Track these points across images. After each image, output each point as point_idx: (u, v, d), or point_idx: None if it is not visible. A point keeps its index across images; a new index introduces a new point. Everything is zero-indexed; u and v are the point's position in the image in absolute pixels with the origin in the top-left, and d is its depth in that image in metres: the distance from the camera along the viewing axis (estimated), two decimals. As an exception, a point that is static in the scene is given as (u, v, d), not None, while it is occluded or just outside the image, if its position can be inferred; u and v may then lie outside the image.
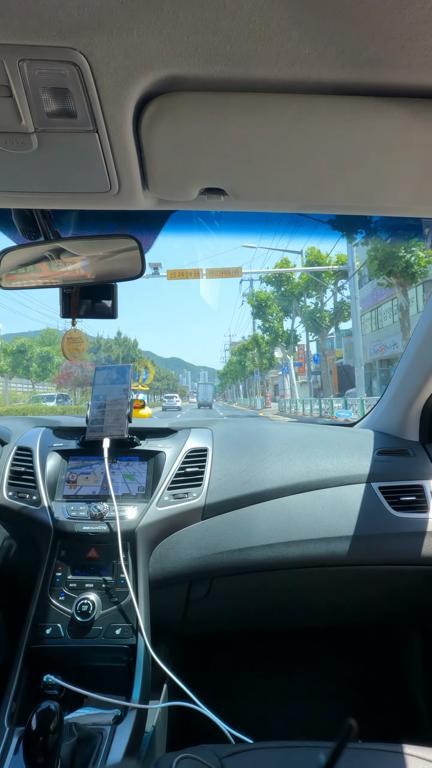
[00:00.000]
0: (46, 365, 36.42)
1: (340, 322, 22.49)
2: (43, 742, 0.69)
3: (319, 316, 22.35)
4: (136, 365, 41.21)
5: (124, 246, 0.98)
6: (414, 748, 0.80)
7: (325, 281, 21.64)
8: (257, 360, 35.38)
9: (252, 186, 0.70)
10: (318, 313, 22.45)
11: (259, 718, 1.56)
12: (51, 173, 0.66)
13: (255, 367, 37.65)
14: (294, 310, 24.44)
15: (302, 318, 23.51)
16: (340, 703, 1.62)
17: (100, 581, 1.12)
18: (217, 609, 1.34)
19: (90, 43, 0.46)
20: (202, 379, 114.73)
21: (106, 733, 0.89)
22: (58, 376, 37.77)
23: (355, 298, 15.76)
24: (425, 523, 1.27)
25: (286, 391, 27.56)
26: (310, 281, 22.25)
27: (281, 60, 0.49)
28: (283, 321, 26.76)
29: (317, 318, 22.36)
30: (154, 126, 0.56)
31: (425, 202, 0.74)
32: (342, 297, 22.38)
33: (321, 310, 22.53)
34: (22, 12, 0.43)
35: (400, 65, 0.50)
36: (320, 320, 22.28)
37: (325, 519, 1.26)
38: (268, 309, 26.41)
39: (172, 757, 0.76)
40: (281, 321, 26.75)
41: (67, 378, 38.02)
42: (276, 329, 26.88)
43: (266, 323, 27.09)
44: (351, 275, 16.27)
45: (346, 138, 0.59)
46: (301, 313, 23.46)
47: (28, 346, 36.61)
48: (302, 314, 23.30)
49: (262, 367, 33.62)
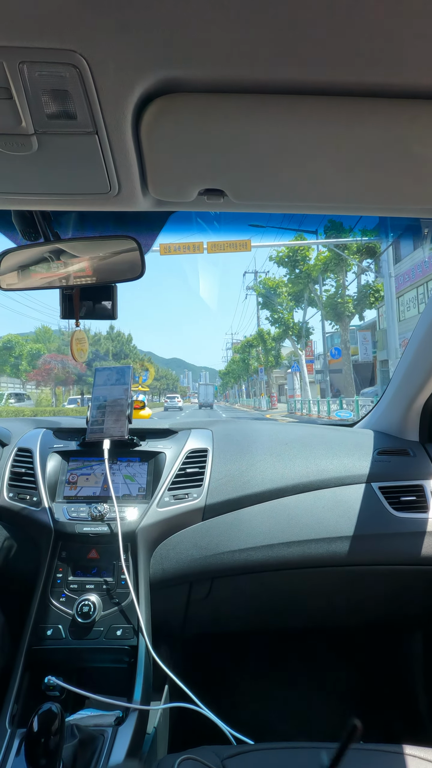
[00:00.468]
0: (36, 363, 34.15)
1: (364, 309, 19.05)
2: (44, 744, 0.69)
3: (340, 301, 18.61)
4: (136, 366, 40.28)
5: (123, 247, 0.98)
6: (415, 748, 0.80)
7: (348, 261, 17.86)
8: (262, 357, 32.43)
9: (251, 187, 0.70)
10: (339, 298, 18.71)
11: (260, 719, 1.56)
12: (51, 175, 0.66)
13: (260, 365, 34.73)
14: (306, 298, 21.26)
15: (320, 305, 19.93)
16: (342, 703, 1.61)
17: (100, 582, 1.12)
18: (217, 610, 1.34)
19: (90, 46, 0.46)
20: (203, 380, 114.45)
21: (107, 734, 0.89)
22: (36, 372, 34.40)
23: (390, 276, 14.32)
24: (425, 523, 1.27)
25: (296, 391, 24.49)
26: (330, 261, 18.63)
27: (280, 61, 0.49)
28: (293, 312, 23.20)
29: (338, 304, 18.58)
30: (154, 127, 0.56)
31: (425, 203, 0.74)
32: (367, 279, 18.86)
33: (343, 295, 18.71)
34: (22, 14, 0.43)
35: (400, 66, 0.50)
36: (342, 307, 18.53)
37: (326, 519, 1.26)
38: (278, 298, 22.83)
39: (173, 758, 0.76)
40: (292, 311, 23.20)
41: (46, 375, 34.30)
42: (286, 320, 23.24)
43: (275, 314, 23.46)
44: (385, 248, 14.54)
45: (345, 139, 0.59)
46: (319, 300, 19.80)
47: (16, 342, 34.50)
48: (320, 301, 19.64)
49: (268, 364, 31.04)
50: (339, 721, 0.45)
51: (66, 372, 34.72)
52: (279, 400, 34.13)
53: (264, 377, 34.48)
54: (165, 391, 78.45)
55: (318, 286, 19.94)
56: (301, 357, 23.33)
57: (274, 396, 32.19)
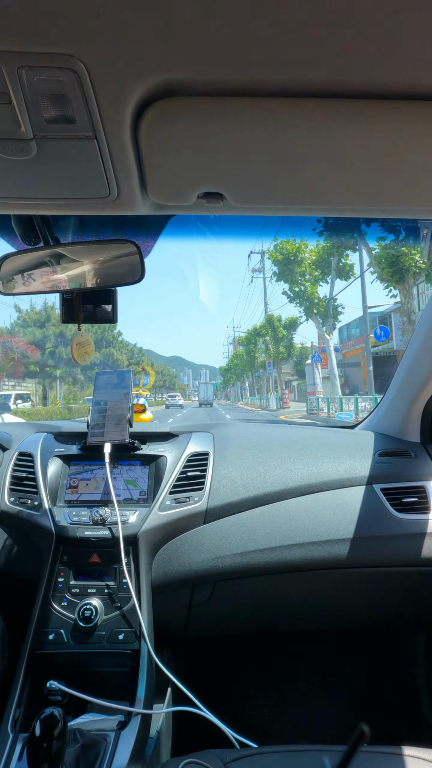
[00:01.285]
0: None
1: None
2: (47, 749, 0.69)
3: (405, 251, 11.98)
4: (137, 369, 38.47)
5: (123, 251, 0.99)
6: (419, 750, 0.80)
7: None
8: (272, 348, 28.09)
9: (251, 189, 0.71)
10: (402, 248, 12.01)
11: (263, 722, 1.55)
12: (50, 179, 0.66)
13: (268, 358, 30.16)
14: (335, 266, 16.12)
15: (367, 256, 13.56)
16: (344, 706, 1.61)
17: (102, 586, 1.12)
18: (220, 613, 1.33)
19: (88, 50, 0.46)
20: (203, 378, 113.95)
21: (110, 738, 0.89)
22: None
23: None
24: (427, 524, 1.26)
25: (316, 387, 20.13)
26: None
27: (278, 64, 0.49)
28: (318, 285, 17.73)
29: (400, 256, 12.04)
30: (153, 131, 0.57)
31: (425, 205, 0.74)
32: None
33: (414, 247, 11.82)
34: (20, 20, 0.43)
35: (399, 68, 0.50)
36: (407, 261, 12.01)
37: (327, 521, 1.26)
38: (298, 267, 17.50)
39: (176, 762, 0.76)
40: (316, 284, 17.80)
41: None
42: (309, 295, 17.65)
43: (294, 287, 17.90)
44: None
45: (345, 141, 0.60)
46: (364, 248, 13.93)
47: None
48: (366, 249, 13.57)
49: (278, 357, 26.99)
50: (342, 724, 0.45)
51: (9, 359, 26.65)
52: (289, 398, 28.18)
53: (273, 372, 30.20)
54: (162, 389, 77.89)
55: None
56: (328, 342, 18.15)
57: (286, 393, 27.30)
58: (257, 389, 42.48)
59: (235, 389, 64.70)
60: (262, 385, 37.41)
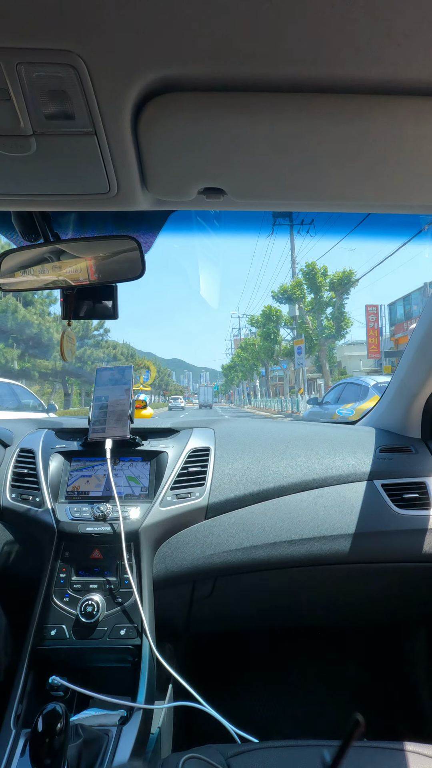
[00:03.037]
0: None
1: None
2: (49, 744, 0.69)
3: None
4: (137, 365, 37.67)
5: (123, 247, 0.98)
6: (420, 745, 0.80)
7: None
8: (310, 321, 19.67)
9: (251, 185, 0.70)
10: None
11: (264, 717, 1.56)
12: (50, 175, 0.66)
13: (297, 342, 21.06)
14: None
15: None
16: (346, 701, 1.62)
17: (104, 582, 1.12)
18: (221, 608, 1.34)
19: (87, 46, 0.46)
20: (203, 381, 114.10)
21: (112, 734, 0.89)
22: None
23: None
24: (428, 519, 1.27)
25: None
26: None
27: (279, 58, 0.49)
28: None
29: None
30: (153, 126, 0.56)
31: (425, 200, 0.74)
32: None
33: None
34: (19, 15, 0.43)
35: (399, 63, 0.49)
36: None
37: (329, 517, 1.26)
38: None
39: (178, 757, 0.76)
40: None
41: None
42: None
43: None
44: None
45: (346, 136, 0.59)
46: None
47: None
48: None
49: (323, 334, 18.56)
50: (343, 719, 0.45)
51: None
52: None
53: (302, 362, 20.68)
54: (159, 389, 77.76)
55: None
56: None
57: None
58: (275, 389, 32.91)
59: (240, 390, 55.51)
60: (284, 382, 29.48)
